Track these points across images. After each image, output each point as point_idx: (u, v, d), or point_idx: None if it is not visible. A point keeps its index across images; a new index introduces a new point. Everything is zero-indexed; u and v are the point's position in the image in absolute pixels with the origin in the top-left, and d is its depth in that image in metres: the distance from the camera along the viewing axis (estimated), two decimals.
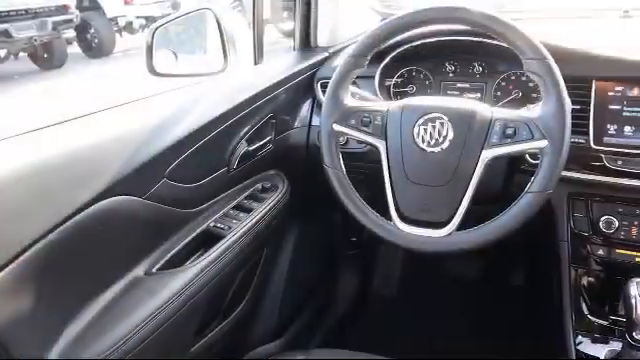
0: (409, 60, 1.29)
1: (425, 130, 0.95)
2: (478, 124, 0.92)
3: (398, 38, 1.19)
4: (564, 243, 1.14)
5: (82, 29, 7.23)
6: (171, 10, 7.16)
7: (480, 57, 1.25)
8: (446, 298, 1.84)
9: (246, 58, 1.42)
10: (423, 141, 0.95)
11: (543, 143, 0.87)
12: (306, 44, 1.50)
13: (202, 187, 1.10)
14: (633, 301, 0.94)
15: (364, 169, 1.17)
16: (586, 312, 1.13)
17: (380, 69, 1.26)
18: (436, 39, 1.22)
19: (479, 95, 1.26)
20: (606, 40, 1.26)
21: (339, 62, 1.06)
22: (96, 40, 7.42)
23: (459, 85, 1.28)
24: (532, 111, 0.91)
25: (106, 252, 0.91)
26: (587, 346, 1.11)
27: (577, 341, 1.13)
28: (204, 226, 1.11)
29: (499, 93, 1.24)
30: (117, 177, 0.89)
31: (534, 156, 1.07)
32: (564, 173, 1.10)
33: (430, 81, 1.30)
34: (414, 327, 1.74)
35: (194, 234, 1.08)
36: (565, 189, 1.13)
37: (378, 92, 1.26)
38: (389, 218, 0.98)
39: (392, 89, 1.32)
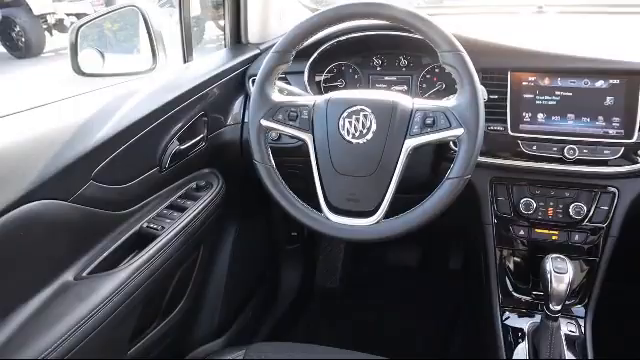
0: (338, 55, 1.32)
1: (350, 122, 0.97)
2: (400, 115, 0.96)
3: (323, 34, 1.22)
4: (489, 226, 1.21)
5: (5, 27, 6.82)
6: (105, 7, 6.89)
7: (405, 51, 1.30)
8: (389, 286, 1.89)
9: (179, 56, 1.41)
10: (348, 133, 0.97)
11: (460, 131, 0.92)
12: (237, 41, 1.50)
13: (133, 188, 1.08)
14: (548, 276, 1.02)
15: (298, 163, 1.19)
16: (511, 290, 1.21)
17: (309, 65, 1.28)
18: (361, 34, 1.25)
19: (405, 87, 1.31)
20: (521, 34, 1.34)
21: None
22: (23, 39, 7.02)
23: (386, 78, 1.32)
24: (449, 101, 0.96)
25: (31, 258, 0.88)
26: (513, 320, 1.19)
27: (504, 317, 1.20)
28: (136, 227, 1.09)
29: (424, 85, 1.29)
30: (40, 180, 0.86)
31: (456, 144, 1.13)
32: (486, 159, 1.17)
33: (359, 75, 1.33)
34: (358, 317, 1.79)
35: (126, 236, 1.06)
36: (488, 175, 1.19)
37: (308, 87, 1.28)
38: (320, 210, 1.00)
39: (322, 84, 1.34)
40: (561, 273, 1.01)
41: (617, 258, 1.17)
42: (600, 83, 1.11)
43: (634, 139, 1.08)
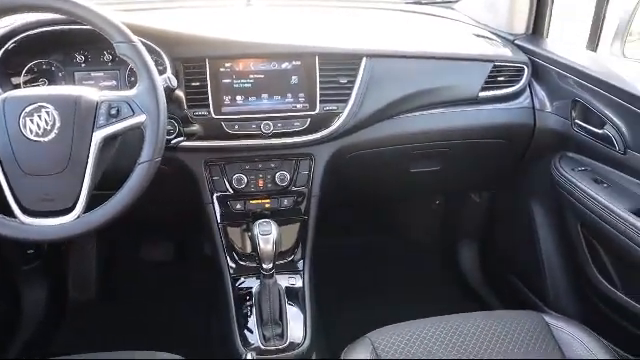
0: (34, 53, 1.25)
1: (32, 121, 0.94)
2: (84, 108, 0.96)
3: (6, 30, 1.15)
4: (209, 205, 1.29)
5: None
6: None
7: (107, 46, 1.29)
8: (148, 286, 1.88)
9: None
10: (31, 132, 0.94)
11: (142, 117, 0.97)
12: None
13: None
14: (257, 239, 1.13)
15: None
16: (238, 259, 1.31)
17: None
18: (49, 29, 1.20)
19: (114, 82, 1.30)
20: (224, 25, 1.44)
21: None
22: None
23: (93, 74, 1.29)
24: (132, 90, 0.99)
25: None
26: (245, 284, 1.30)
27: (238, 284, 1.30)
28: None
29: (132, 78, 1.30)
30: None
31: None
32: (198, 143, 1.25)
33: (63, 73, 1.28)
34: (120, 322, 1.74)
35: None
36: (201, 157, 1.28)
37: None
38: (13, 215, 0.95)
39: (23, 86, 1.26)
40: (266, 235, 1.13)
41: (323, 215, 1.36)
42: (285, 65, 1.26)
43: (317, 110, 1.27)
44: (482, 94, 1.42)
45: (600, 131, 1.30)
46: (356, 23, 1.63)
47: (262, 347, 1.15)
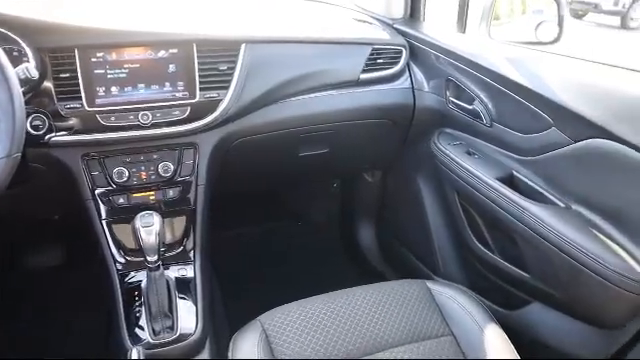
0: None
1: None
2: None
3: None
4: (89, 201, 1.24)
5: None
6: None
7: None
8: (38, 293, 1.77)
9: None
10: None
11: None
12: None
13: None
14: (139, 232, 1.10)
15: None
16: (125, 255, 1.26)
17: None
18: None
19: None
20: (99, 12, 1.36)
21: None
22: None
23: None
24: None
25: None
26: (135, 279, 1.25)
27: (128, 279, 1.25)
28: None
29: None
30: None
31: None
32: (72, 138, 1.19)
33: None
34: (7, 340, 1.62)
35: None
36: (78, 152, 1.21)
37: None
38: None
39: None
40: (148, 227, 1.10)
41: (212, 206, 1.35)
42: (162, 53, 1.23)
43: (197, 98, 1.25)
44: (363, 76, 1.48)
45: (470, 107, 1.39)
46: (236, 9, 1.62)
47: (151, 341, 1.13)
